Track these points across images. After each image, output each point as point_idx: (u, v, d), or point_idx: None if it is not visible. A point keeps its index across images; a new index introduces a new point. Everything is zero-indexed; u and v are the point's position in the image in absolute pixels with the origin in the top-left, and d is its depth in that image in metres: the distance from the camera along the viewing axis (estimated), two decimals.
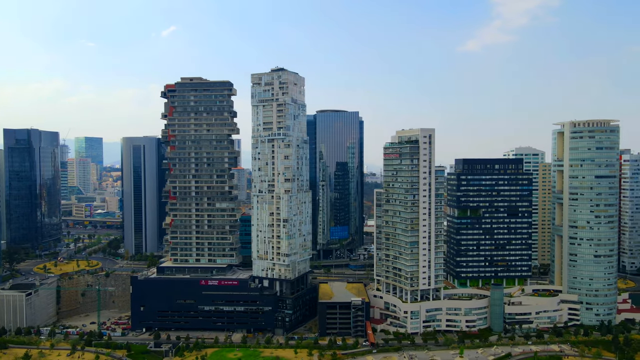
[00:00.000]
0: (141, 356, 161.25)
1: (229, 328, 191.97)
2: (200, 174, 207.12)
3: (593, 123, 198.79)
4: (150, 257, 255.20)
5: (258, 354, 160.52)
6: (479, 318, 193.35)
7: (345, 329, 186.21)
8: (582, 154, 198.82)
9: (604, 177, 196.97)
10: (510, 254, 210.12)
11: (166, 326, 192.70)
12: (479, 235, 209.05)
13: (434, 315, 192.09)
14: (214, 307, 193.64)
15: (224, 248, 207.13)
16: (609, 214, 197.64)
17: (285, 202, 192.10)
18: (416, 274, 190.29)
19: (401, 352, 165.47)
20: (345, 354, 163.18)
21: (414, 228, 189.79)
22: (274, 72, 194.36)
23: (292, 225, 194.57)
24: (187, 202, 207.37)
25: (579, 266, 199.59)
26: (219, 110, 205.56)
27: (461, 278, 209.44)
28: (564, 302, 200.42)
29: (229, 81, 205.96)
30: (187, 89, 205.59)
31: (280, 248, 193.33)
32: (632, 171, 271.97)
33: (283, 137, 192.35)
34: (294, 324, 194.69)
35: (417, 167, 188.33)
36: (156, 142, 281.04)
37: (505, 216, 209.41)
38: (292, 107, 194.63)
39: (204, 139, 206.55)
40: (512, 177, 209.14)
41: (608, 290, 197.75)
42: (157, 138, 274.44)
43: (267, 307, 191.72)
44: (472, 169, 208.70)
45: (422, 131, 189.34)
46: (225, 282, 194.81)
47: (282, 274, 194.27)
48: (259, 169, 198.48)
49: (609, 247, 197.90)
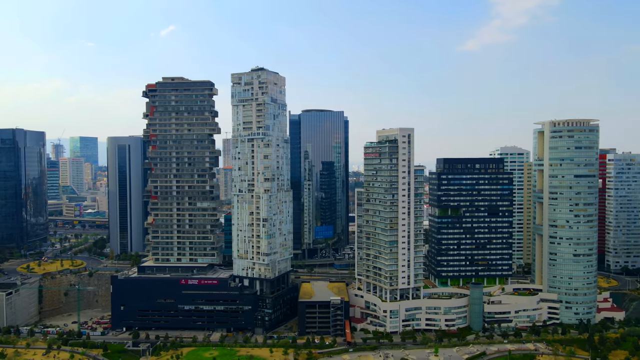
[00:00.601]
0: (117, 355, 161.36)
1: (209, 327, 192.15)
2: (182, 173, 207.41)
3: (572, 122, 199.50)
4: (135, 256, 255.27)
5: (234, 353, 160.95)
6: (458, 317, 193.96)
7: (325, 328, 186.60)
8: (561, 153, 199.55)
9: (583, 176, 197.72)
10: (491, 253, 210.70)
11: (146, 325, 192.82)
12: (459, 234, 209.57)
13: (414, 314, 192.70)
14: (194, 307, 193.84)
15: (205, 247, 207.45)
16: (588, 213, 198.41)
17: (265, 201, 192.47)
18: (395, 273, 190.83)
19: (377, 350, 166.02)
20: (322, 352, 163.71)
21: (393, 227, 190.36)
22: (254, 71, 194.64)
23: (272, 225, 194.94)
24: (168, 201, 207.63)
25: (559, 265, 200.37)
26: (200, 110, 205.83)
27: (442, 277, 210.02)
28: (543, 301, 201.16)
29: (210, 81, 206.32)
30: (168, 89, 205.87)
31: (260, 247, 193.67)
32: (617, 171, 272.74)
33: (262, 137, 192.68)
34: (274, 323, 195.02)
35: (396, 166, 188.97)
36: (141, 141, 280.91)
37: (486, 215, 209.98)
38: (271, 106, 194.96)
39: (185, 139, 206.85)
40: (492, 176, 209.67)
41: (587, 289, 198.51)
42: (142, 138, 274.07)
43: (247, 306, 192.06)
44: (452, 168, 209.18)
45: (401, 131, 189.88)
46: (205, 282, 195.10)
47: (262, 273, 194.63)
48: (239, 169, 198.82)
49: (589, 246, 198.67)
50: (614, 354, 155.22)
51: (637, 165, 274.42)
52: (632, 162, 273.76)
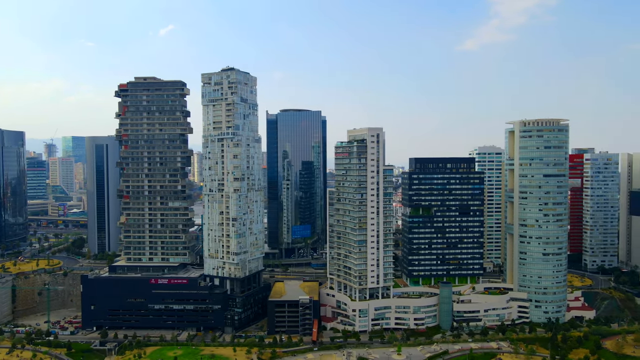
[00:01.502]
0: (81, 354, 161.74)
1: (179, 327, 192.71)
2: (153, 173, 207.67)
3: (542, 122, 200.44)
4: (112, 256, 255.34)
5: (198, 352, 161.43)
6: (427, 316, 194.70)
7: (294, 327, 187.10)
8: (531, 152, 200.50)
9: (553, 175, 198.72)
10: (462, 253, 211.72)
11: (117, 325, 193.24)
12: (430, 233, 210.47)
13: (383, 314, 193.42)
14: (164, 306, 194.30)
15: (177, 247, 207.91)
16: (557, 212, 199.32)
17: (234, 201, 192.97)
18: (364, 272, 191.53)
19: (342, 349, 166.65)
20: (286, 351, 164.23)
21: (362, 227, 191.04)
22: (224, 72, 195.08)
23: (242, 224, 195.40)
24: (140, 201, 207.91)
25: (528, 264, 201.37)
26: (171, 109, 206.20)
27: (413, 276, 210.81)
28: (514, 300, 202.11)
29: (182, 81, 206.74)
30: (139, 89, 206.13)
31: (230, 247, 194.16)
32: (593, 170, 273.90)
33: (232, 137, 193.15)
34: (244, 322, 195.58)
35: (365, 166, 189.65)
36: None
37: (457, 215, 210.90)
38: (241, 106, 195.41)
39: (157, 139, 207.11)
40: (463, 176, 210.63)
41: (557, 288, 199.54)
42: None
43: (217, 305, 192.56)
44: (424, 168, 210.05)
45: (370, 130, 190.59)
46: (174, 281, 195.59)
47: (232, 273, 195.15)
48: (210, 168, 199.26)
49: (558, 245, 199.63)
50: (575, 353, 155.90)
51: (614, 165, 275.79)
52: (608, 161, 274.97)
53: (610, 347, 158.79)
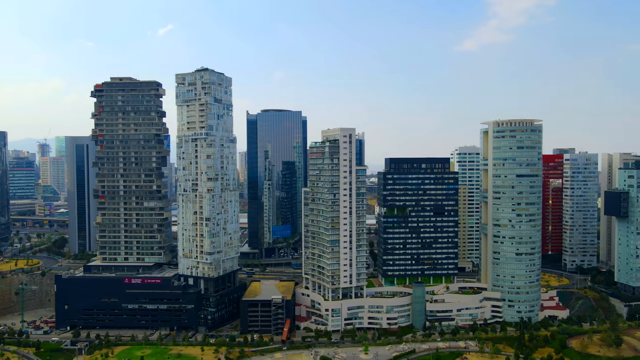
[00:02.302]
0: (49, 354, 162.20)
1: (152, 326, 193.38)
2: (129, 173, 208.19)
3: (515, 123, 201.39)
4: (91, 255, 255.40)
5: (166, 352, 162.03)
6: (400, 315, 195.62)
7: (267, 327, 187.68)
8: (504, 153, 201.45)
9: (525, 175, 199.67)
10: (437, 253, 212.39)
11: (91, 324, 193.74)
12: (405, 233, 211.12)
13: (356, 313, 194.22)
14: (137, 306, 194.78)
15: (152, 246, 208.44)
16: (530, 212, 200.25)
17: (208, 201, 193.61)
18: (337, 272, 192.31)
19: (310, 349, 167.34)
20: (255, 351, 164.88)
21: (334, 227, 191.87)
22: (197, 72, 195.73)
23: (215, 224, 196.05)
24: (115, 201, 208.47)
25: (502, 264, 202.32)
26: (146, 110, 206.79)
27: (388, 276, 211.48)
28: (487, 300, 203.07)
29: (156, 81, 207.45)
30: (114, 89, 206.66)
31: (203, 246, 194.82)
32: (573, 170, 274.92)
33: (205, 137, 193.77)
34: (217, 322, 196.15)
35: (338, 166, 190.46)
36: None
37: (432, 215, 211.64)
38: (215, 106, 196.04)
39: (132, 139, 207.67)
40: (438, 176, 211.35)
41: (530, 288, 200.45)
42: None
43: (190, 305, 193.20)
44: (398, 168, 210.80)
45: (342, 131, 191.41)
46: (148, 281, 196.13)
47: (206, 272, 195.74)
48: (184, 168, 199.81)
49: (531, 245, 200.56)
50: (540, 352, 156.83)
51: (593, 165, 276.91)
52: (588, 162, 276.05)
53: (575, 347, 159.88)
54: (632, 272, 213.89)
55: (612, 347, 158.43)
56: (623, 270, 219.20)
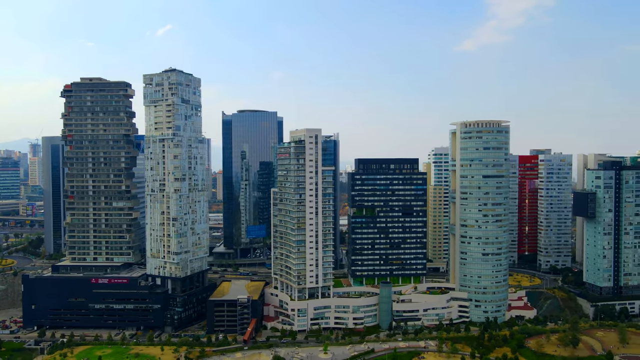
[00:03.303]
0: (9, 353, 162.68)
1: (119, 326, 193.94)
2: (98, 173, 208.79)
3: (482, 124, 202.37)
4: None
5: (126, 352, 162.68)
6: (367, 315, 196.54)
7: (233, 327, 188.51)
8: (471, 153, 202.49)
9: (492, 176, 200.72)
10: (405, 253, 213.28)
11: (58, 324, 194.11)
12: (374, 234, 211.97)
13: (323, 313, 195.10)
14: (104, 305, 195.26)
15: (121, 246, 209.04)
16: (496, 213, 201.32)
17: (175, 201, 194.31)
18: (303, 272, 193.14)
19: (271, 348, 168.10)
20: (216, 350, 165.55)
21: (300, 227, 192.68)
22: (164, 72, 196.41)
23: (183, 224, 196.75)
24: (84, 201, 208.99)
25: (469, 264, 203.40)
26: (115, 110, 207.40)
27: (356, 276, 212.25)
28: (454, 300, 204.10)
29: (125, 82, 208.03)
30: (83, 89, 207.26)
31: (170, 246, 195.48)
32: (547, 171, 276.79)
33: (172, 137, 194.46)
34: (184, 321, 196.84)
35: (304, 166, 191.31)
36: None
37: (400, 215, 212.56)
38: (182, 107, 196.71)
39: (101, 139, 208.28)
40: (406, 176, 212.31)
41: (496, 288, 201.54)
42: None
43: (157, 305, 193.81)
44: (367, 168, 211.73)
45: (308, 131, 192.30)
46: (115, 281, 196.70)
47: (173, 272, 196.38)
48: (151, 169, 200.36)
49: (497, 245, 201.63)
50: (497, 351, 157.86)
51: (567, 166, 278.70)
52: (562, 162, 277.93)
53: (532, 346, 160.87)
54: (599, 272, 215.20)
55: (569, 347, 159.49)
56: (591, 271, 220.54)
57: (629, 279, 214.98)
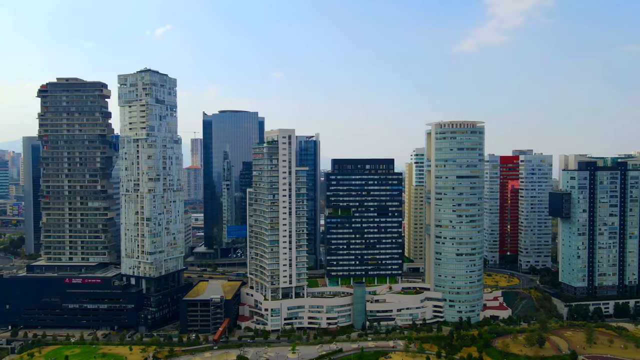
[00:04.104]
0: None
1: (94, 326, 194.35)
2: (73, 173, 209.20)
3: (456, 124, 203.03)
4: None
5: (95, 351, 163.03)
6: (341, 315, 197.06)
7: (206, 326, 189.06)
8: (445, 154, 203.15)
9: (466, 177, 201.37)
10: (381, 253, 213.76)
11: (32, 324, 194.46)
12: (349, 234, 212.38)
13: (296, 313, 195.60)
14: (78, 305, 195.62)
15: (97, 246, 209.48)
16: (470, 213, 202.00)
17: (149, 201, 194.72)
18: (277, 272, 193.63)
19: (241, 348, 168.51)
20: (185, 350, 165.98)
21: (274, 227, 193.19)
22: (139, 73, 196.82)
23: (157, 224, 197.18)
24: (60, 201, 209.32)
25: (443, 264, 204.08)
26: (90, 110, 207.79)
27: (332, 276, 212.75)
28: (429, 300, 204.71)
29: (101, 82, 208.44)
30: (59, 90, 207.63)
31: (144, 246, 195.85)
32: (527, 171, 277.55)
33: (146, 138, 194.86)
34: (158, 321, 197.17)
35: (277, 167, 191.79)
36: None
37: (376, 215, 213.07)
38: (156, 107, 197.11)
39: (77, 139, 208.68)
40: (382, 177, 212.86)
41: (470, 288, 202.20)
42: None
43: (130, 304, 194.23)
44: (342, 169, 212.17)
45: (281, 132, 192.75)
46: (88, 280, 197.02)
47: (147, 272, 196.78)
48: (126, 169, 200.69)
49: (471, 245, 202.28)
50: (464, 351, 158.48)
51: (547, 166, 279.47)
52: (542, 163, 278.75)
53: (498, 346, 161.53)
54: (574, 272, 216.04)
55: (535, 347, 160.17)
56: (566, 271, 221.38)
57: (604, 279, 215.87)
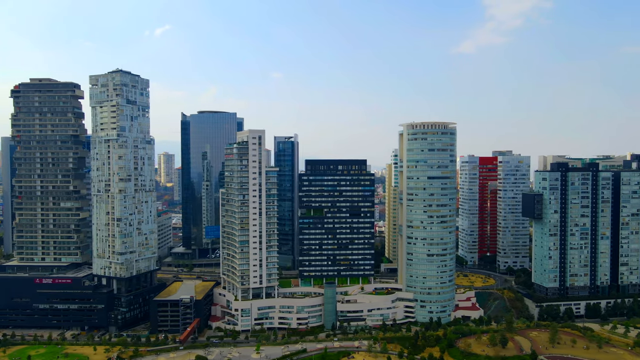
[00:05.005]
0: None
1: (64, 326, 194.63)
2: (46, 173, 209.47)
3: (428, 125, 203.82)
4: None
5: (60, 351, 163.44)
6: (311, 315, 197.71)
7: (176, 327, 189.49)
8: (416, 155, 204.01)
9: (436, 178, 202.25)
10: (353, 254, 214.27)
11: (3, 324, 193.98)
12: (321, 234, 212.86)
13: (267, 313, 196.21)
14: (48, 305, 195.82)
15: (69, 247, 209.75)
16: (441, 214, 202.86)
17: (119, 201, 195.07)
18: (247, 272, 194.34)
19: (206, 348, 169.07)
20: (151, 350, 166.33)
21: (244, 227, 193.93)
22: (110, 74, 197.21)
23: (128, 224, 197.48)
24: (32, 201, 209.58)
25: (414, 265, 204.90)
26: (63, 111, 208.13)
27: (305, 277, 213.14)
28: (400, 300, 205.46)
29: (73, 82, 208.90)
30: (31, 90, 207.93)
31: (115, 247, 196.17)
32: (505, 172, 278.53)
33: (117, 138, 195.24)
34: (129, 321, 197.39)
35: (247, 167, 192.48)
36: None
37: (348, 216, 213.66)
38: (127, 108, 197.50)
39: (49, 140, 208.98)
40: (354, 177, 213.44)
41: (441, 289, 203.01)
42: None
43: (101, 305, 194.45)
44: (315, 169, 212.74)
45: (251, 132, 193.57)
46: (59, 281, 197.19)
47: (118, 272, 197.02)
48: (97, 169, 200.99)
49: (442, 246, 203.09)
50: (428, 351, 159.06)
51: (525, 167, 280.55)
52: (520, 164, 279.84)
53: (461, 346, 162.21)
54: (546, 273, 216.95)
55: (498, 347, 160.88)
56: (538, 271, 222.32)
57: (575, 279, 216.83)
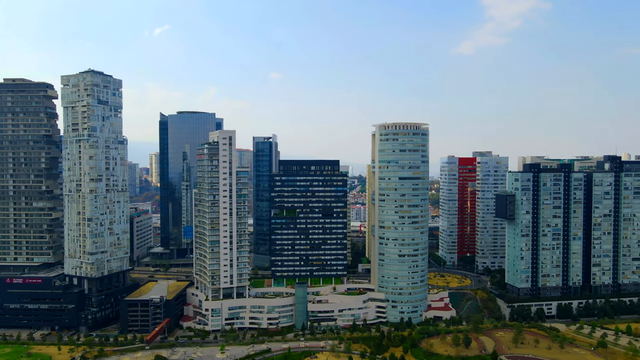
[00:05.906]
0: None
1: (34, 326, 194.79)
2: (18, 173, 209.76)
3: (399, 126, 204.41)
4: None
5: (25, 351, 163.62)
6: (282, 315, 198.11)
7: (146, 326, 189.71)
8: (388, 155, 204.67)
9: (408, 178, 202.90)
10: (326, 254, 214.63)
11: None
12: (294, 235, 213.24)
13: (238, 313, 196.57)
14: (19, 305, 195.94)
15: (42, 247, 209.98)
16: (412, 214, 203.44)
17: (90, 201, 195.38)
18: (217, 272, 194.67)
19: (172, 348, 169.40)
20: (116, 350, 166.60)
21: (214, 227, 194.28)
22: (81, 74, 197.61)
23: (99, 224, 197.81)
24: (5, 201, 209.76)
25: (386, 265, 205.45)
26: (35, 111, 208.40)
27: (277, 277, 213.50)
28: (372, 300, 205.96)
29: (46, 82, 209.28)
30: (4, 90, 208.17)
31: (85, 246, 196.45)
32: (483, 173, 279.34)
33: (88, 138, 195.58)
34: (100, 321, 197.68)
35: (217, 168, 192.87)
36: None
37: (320, 216, 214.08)
38: (99, 108, 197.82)
39: (22, 140, 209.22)
40: (327, 178, 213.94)
41: (412, 289, 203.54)
42: None
43: (71, 305, 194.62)
44: (287, 170, 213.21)
45: (222, 133, 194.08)
46: (29, 281, 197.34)
47: (89, 272, 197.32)
48: (69, 169, 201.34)
49: (413, 247, 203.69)
50: (392, 350, 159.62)
51: (504, 168, 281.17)
52: (498, 165, 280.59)
53: (424, 346, 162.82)
54: (518, 273, 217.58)
55: (460, 347, 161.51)
56: (511, 272, 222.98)
57: (547, 280, 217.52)
